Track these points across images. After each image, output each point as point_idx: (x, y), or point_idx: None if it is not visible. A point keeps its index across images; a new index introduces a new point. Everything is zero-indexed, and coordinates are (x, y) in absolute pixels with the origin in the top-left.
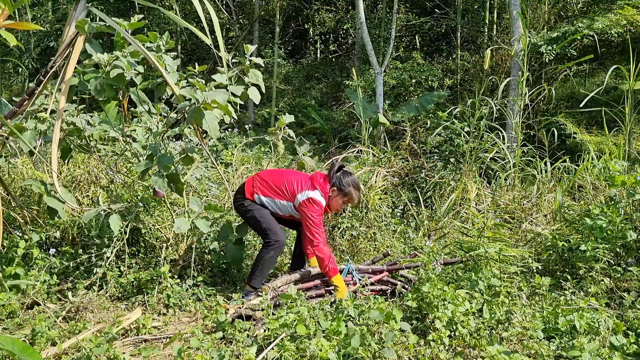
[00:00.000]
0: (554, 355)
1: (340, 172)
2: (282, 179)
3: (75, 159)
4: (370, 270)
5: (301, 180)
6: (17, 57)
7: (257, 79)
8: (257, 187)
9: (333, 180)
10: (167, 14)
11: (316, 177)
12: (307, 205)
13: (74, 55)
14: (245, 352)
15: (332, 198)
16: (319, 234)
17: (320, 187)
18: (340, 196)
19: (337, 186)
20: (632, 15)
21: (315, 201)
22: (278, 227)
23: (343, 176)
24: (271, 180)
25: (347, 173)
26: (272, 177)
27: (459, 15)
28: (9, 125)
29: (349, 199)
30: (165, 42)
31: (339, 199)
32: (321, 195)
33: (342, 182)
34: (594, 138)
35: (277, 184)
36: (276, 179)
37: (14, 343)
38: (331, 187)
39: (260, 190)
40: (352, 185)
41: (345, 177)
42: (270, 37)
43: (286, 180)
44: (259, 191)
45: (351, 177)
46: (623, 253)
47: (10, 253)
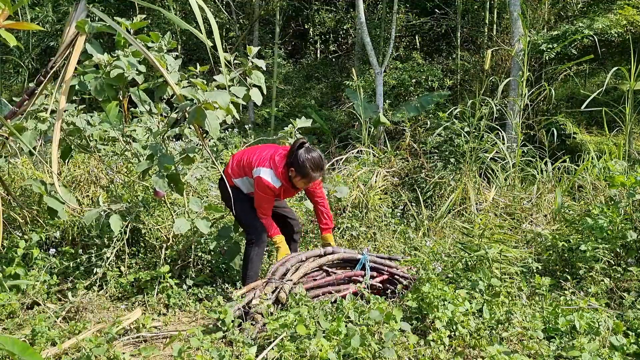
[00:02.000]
0: (554, 355)
1: (301, 150)
2: (247, 154)
3: (75, 159)
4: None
5: (262, 155)
6: (17, 57)
7: (259, 80)
8: (230, 169)
9: (291, 159)
10: (167, 14)
11: (275, 153)
12: (256, 183)
13: (74, 55)
14: (245, 352)
15: (293, 177)
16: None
17: (274, 167)
18: (299, 176)
19: (294, 166)
20: (632, 15)
21: (262, 180)
22: (258, 222)
23: (302, 155)
24: (239, 158)
25: (307, 150)
26: (241, 155)
27: (459, 15)
28: (9, 125)
29: (308, 178)
30: (167, 43)
31: (299, 179)
32: (274, 176)
33: (300, 162)
34: (594, 138)
35: (241, 161)
36: (243, 156)
37: (14, 343)
38: (289, 167)
39: (232, 172)
40: (310, 167)
41: (303, 156)
42: (270, 37)
43: (250, 155)
44: (232, 173)
45: (310, 154)
46: (623, 253)
47: (10, 253)
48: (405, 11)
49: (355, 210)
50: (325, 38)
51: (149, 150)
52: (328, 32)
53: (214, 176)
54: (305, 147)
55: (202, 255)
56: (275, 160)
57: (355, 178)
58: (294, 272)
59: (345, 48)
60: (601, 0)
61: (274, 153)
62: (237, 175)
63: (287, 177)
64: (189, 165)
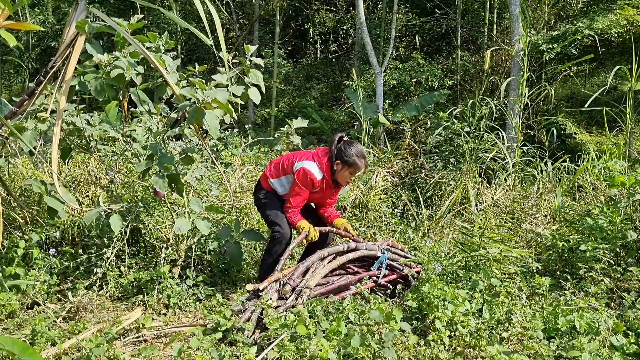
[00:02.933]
0: (554, 355)
1: (341, 143)
2: (287, 157)
3: (75, 159)
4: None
5: (304, 154)
6: (17, 57)
7: (258, 79)
8: (268, 172)
9: (335, 152)
10: (167, 14)
11: (317, 151)
12: (298, 173)
13: (74, 55)
14: (245, 352)
15: (338, 171)
16: (294, 201)
17: (319, 160)
18: (345, 167)
19: (340, 158)
20: (632, 15)
21: (306, 171)
22: (285, 220)
23: (345, 147)
24: (277, 161)
25: (348, 143)
26: (280, 158)
27: (459, 15)
28: (9, 125)
29: (354, 168)
30: (164, 42)
31: (345, 170)
32: (317, 168)
33: (344, 152)
34: (594, 138)
35: (282, 163)
36: (282, 159)
37: (14, 343)
38: (335, 160)
39: (270, 173)
40: (356, 155)
41: (347, 147)
42: (270, 37)
43: (289, 157)
44: (269, 175)
45: (354, 146)
46: (623, 253)
47: (10, 253)
48: (405, 11)
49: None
50: (325, 38)
51: (149, 150)
52: (328, 32)
53: (214, 176)
54: (345, 140)
55: (202, 255)
56: (318, 155)
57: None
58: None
59: (345, 48)
60: (601, 0)
61: (315, 151)
62: (274, 175)
63: (330, 170)
64: (189, 165)
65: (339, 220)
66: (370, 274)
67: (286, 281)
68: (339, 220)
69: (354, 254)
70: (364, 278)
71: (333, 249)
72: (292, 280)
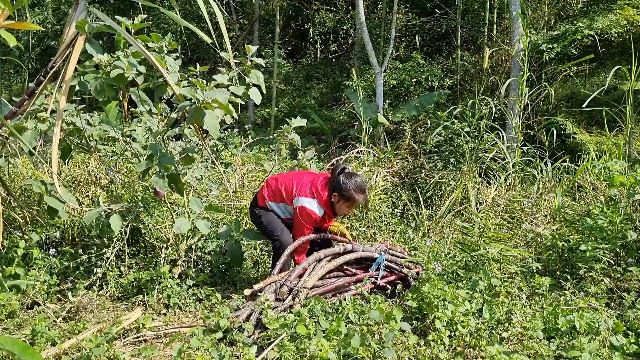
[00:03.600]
0: (554, 355)
1: (342, 175)
2: (285, 183)
3: (75, 159)
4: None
5: (303, 184)
6: (17, 57)
7: (258, 79)
8: (265, 193)
9: (334, 185)
10: (168, 14)
11: (316, 182)
12: (299, 212)
13: (74, 55)
14: (245, 352)
15: (336, 204)
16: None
17: (318, 195)
18: (343, 201)
19: (337, 191)
20: (632, 15)
21: (306, 210)
22: (283, 228)
23: (344, 179)
24: (276, 185)
25: (349, 175)
26: (277, 181)
27: (459, 15)
28: (9, 125)
29: (352, 202)
30: (167, 43)
31: (342, 204)
32: (317, 204)
33: (343, 186)
34: (594, 138)
35: (280, 188)
36: (280, 183)
37: (14, 343)
38: (332, 192)
39: (268, 196)
40: (354, 189)
41: (346, 180)
42: (270, 37)
43: (288, 184)
44: (267, 197)
45: (353, 179)
46: (623, 253)
47: (10, 253)
48: (405, 11)
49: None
50: (325, 38)
51: (149, 150)
52: (328, 32)
53: (214, 176)
54: (346, 172)
55: (202, 255)
56: (317, 189)
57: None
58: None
59: (345, 48)
60: (601, 0)
61: (314, 181)
62: (272, 199)
63: (329, 204)
64: (189, 165)
65: (334, 225)
66: (368, 275)
67: (283, 283)
68: (334, 225)
69: (351, 256)
70: (364, 279)
71: (329, 251)
72: (289, 282)
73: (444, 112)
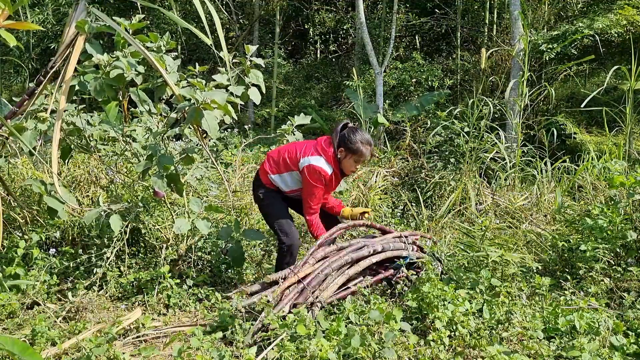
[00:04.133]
0: (554, 355)
1: (345, 130)
2: (286, 150)
3: (75, 159)
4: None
5: (306, 147)
6: (17, 57)
7: (258, 79)
8: (267, 167)
9: (338, 140)
10: (167, 14)
11: (320, 141)
12: (307, 172)
13: (74, 55)
14: (245, 352)
15: (343, 159)
16: (314, 203)
17: (324, 153)
18: (350, 155)
19: (344, 145)
20: (632, 15)
21: (315, 168)
22: (292, 226)
23: (349, 133)
24: (277, 155)
25: (353, 129)
26: (279, 152)
27: (459, 15)
28: (9, 125)
29: (359, 155)
30: (166, 43)
31: (350, 158)
32: (325, 162)
33: (348, 139)
34: (594, 138)
35: (282, 157)
36: (282, 152)
37: (14, 343)
38: (338, 148)
39: (270, 169)
40: (360, 141)
41: (351, 133)
42: (270, 37)
43: (290, 150)
44: (269, 170)
45: (358, 132)
46: (623, 253)
47: (10, 253)
48: (405, 11)
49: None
50: (325, 38)
51: (148, 150)
52: (328, 32)
53: (214, 176)
54: (350, 127)
55: (202, 255)
56: (322, 147)
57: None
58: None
59: (345, 48)
60: (601, 0)
61: (317, 142)
62: (275, 171)
63: (337, 161)
64: (188, 165)
65: (346, 210)
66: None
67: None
68: (346, 210)
69: (378, 257)
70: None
71: (357, 255)
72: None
73: (444, 112)
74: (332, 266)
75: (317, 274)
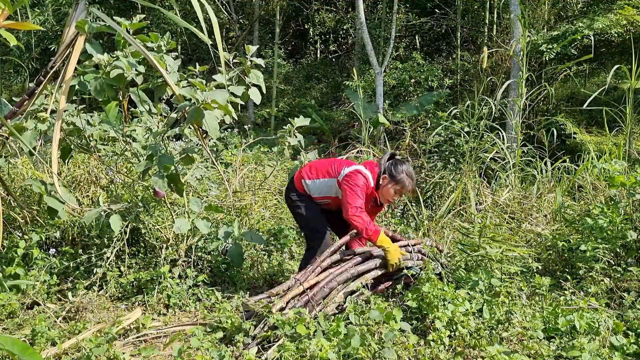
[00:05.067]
0: (554, 355)
1: (392, 160)
2: (333, 162)
3: (75, 159)
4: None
5: (351, 162)
6: (17, 57)
7: (258, 79)
8: (304, 172)
9: (383, 167)
10: (167, 14)
11: (366, 162)
12: (350, 175)
13: (74, 55)
14: (245, 352)
15: (384, 186)
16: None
17: (371, 169)
18: (392, 184)
19: (388, 172)
20: (632, 15)
21: (360, 172)
22: (326, 229)
23: (395, 163)
24: (319, 164)
25: (401, 161)
26: (322, 162)
27: (459, 16)
28: (9, 125)
29: (401, 187)
30: (166, 43)
31: (391, 187)
32: (370, 175)
33: (394, 169)
34: (594, 138)
35: (324, 165)
36: (326, 162)
37: (14, 343)
38: (382, 174)
39: (307, 175)
40: (406, 173)
41: (398, 164)
42: (270, 37)
43: (336, 162)
44: (306, 175)
45: (405, 164)
46: (623, 253)
47: (10, 253)
48: (405, 11)
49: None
50: (325, 38)
51: (148, 150)
52: (328, 32)
53: (214, 176)
54: (397, 158)
55: (202, 255)
56: (370, 165)
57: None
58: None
59: (345, 48)
60: (601, 0)
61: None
62: (312, 177)
63: (377, 184)
64: (189, 165)
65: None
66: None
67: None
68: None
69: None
70: None
71: (363, 268)
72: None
73: (444, 112)
74: (337, 279)
75: (322, 288)
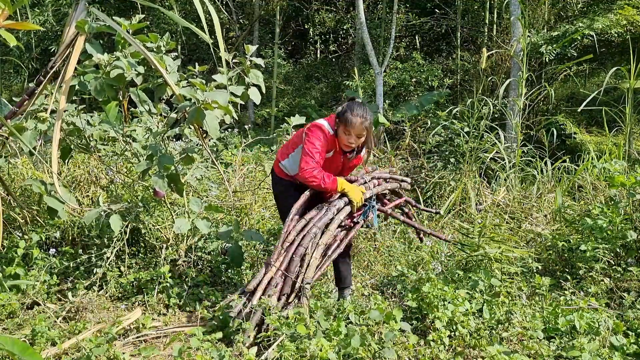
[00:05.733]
0: (554, 355)
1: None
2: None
3: (75, 159)
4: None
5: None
6: (17, 57)
7: (258, 79)
8: (278, 155)
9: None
10: (168, 13)
11: None
12: (307, 133)
13: (74, 55)
14: (245, 352)
15: (338, 132)
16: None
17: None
18: (342, 126)
19: (337, 115)
20: (632, 15)
21: (316, 124)
22: None
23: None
24: (289, 141)
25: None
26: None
27: (459, 16)
28: (9, 125)
29: (345, 125)
30: (166, 43)
31: (341, 130)
32: (327, 123)
33: (341, 109)
34: (594, 138)
35: (292, 140)
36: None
37: (14, 343)
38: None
39: (280, 156)
40: (349, 110)
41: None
42: (270, 37)
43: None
44: (280, 157)
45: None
46: (623, 253)
47: (10, 253)
48: (405, 11)
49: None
50: (325, 38)
51: (148, 150)
52: (328, 32)
53: (214, 176)
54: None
55: (202, 255)
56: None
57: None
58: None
59: (345, 48)
60: (601, 0)
61: None
62: (285, 156)
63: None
64: (189, 165)
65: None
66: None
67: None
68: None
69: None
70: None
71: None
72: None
73: (444, 112)
74: (303, 244)
75: (292, 258)
